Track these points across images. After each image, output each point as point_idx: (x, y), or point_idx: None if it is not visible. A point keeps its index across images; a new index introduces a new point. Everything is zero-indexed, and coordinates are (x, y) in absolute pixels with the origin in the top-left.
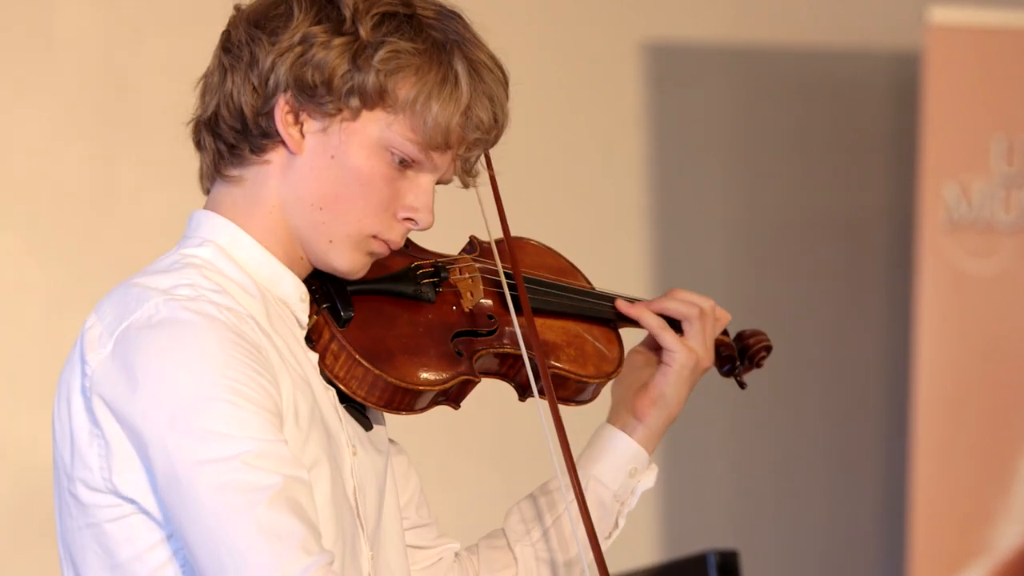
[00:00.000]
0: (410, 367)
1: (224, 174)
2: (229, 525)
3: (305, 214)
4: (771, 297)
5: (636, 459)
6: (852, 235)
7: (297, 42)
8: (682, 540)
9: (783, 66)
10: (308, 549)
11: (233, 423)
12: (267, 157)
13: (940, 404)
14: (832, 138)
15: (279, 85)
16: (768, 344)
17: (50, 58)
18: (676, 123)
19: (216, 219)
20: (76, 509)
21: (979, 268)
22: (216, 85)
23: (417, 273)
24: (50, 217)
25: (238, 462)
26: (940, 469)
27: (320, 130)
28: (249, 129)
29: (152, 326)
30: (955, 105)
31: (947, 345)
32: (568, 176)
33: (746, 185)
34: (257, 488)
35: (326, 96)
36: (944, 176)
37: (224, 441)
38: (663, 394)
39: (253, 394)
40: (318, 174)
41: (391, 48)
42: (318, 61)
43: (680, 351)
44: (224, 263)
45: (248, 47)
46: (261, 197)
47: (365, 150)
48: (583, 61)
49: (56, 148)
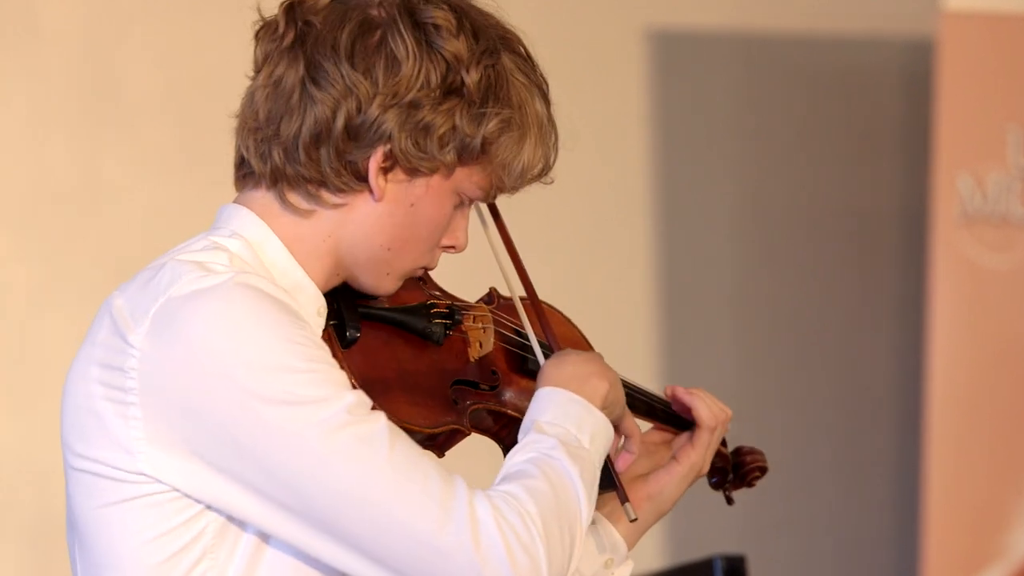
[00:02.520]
0: (403, 404)
1: (286, 199)
2: (365, 481)
3: (371, 251)
4: (779, 294)
5: (614, 550)
6: (863, 229)
7: (407, 100)
8: (688, 545)
9: (791, 54)
10: (448, 478)
11: (316, 384)
12: (344, 199)
13: (954, 404)
14: (842, 129)
15: (381, 137)
16: (763, 465)
17: (34, 50)
18: (681, 114)
19: (248, 216)
20: (98, 488)
21: (995, 263)
22: (295, 109)
23: (431, 311)
24: (32, 213)
25: (341, 416)
26: (954, 471)
27: (407, 180)
28: (334, 170)
29: (196, 296)
30: (970, 94)
31: (962, 342)
32: (569, 168)
33: (753, 178)
34: (373, 435)
35: (426, 156)
36: (958, 168)
37: (317, 404)
38: (662, 492)
39: (319, 353)
40: (395, 220)
41: (494, 110)
42: (427, 123)
43: (699, 452)
44: (251, 259)
45: (348, 86)
46: (323, 231)
47: (442, 199)
48: (585, 49)
49: (39, 142)
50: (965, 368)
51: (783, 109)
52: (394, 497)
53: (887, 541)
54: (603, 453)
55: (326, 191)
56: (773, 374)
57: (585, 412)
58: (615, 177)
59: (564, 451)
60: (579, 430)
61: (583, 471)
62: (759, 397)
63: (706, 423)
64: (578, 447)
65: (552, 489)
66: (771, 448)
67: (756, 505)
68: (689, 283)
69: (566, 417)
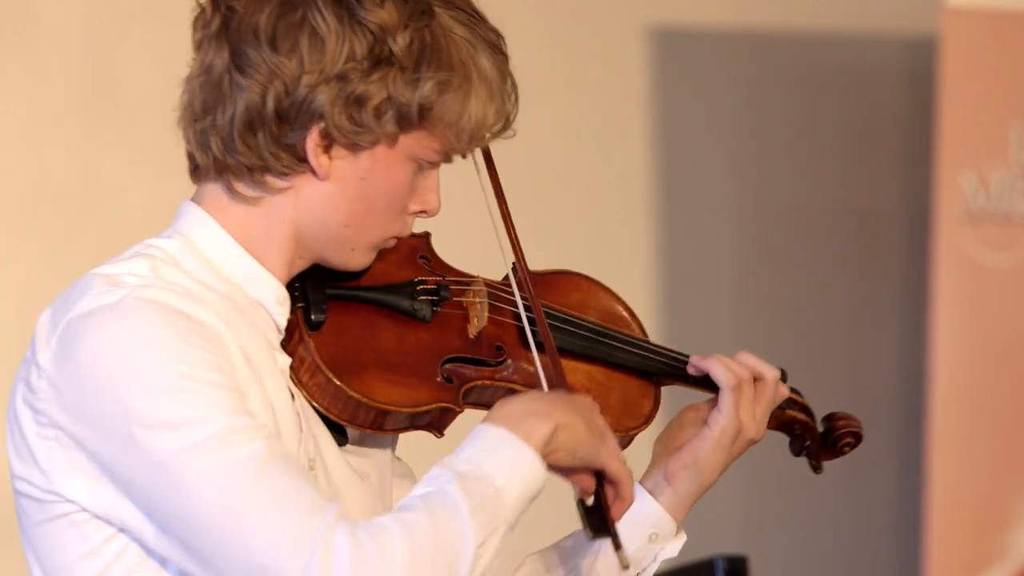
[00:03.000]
0: (380, 384)
1: (234, 189)
2: (228, 509)
3: (329, 231)
4: (780, 292)
5: (659, 524)
6: (865, 227)
7: (335, 75)
8: (689, 545)
9: (793, 52)
10: (314, 508)
11: (196, 406)
12: (290, 182)
13: (957, 403)
14: (844, 127)
15: (313, 116)
16: (856, 431)
17: (34, 50)
18: (682, 112)
19: (195, 212)
20: (32, 507)
21: (998, 261)
22: (226, 97)
23: (416, 288)
24: (32, 213)
25: (214, 441)
26: (957, 471)
27: (351, 155)
28: (273, 154)
29: (91, 314)
30: (972, 92)
31: (964, 342)
32: (569, 166)
33: (754, 176)
34: (243, 461)
35: (364, 129)
36: (961, 166)
37: (194, 426)
38: (696, 460)
39: (209, 374)
40: (346, 196)
41: (428, 74)
42: (358, 96)
43: (727, 416)
44: (188, 258)
45: (271, 70)
46: (275, 217)
47: (395, 168)
48: (585, 46)
49: (39, 142)
50: (967, 367)
51: (784, 107)
52: (245, 526)
53: (889, 541)
54: (527, 494)
55: (271, 176)
56: None
57: (511, 451)
58: (616, 175)
59: (458, 486)
60: (495, 468)
61: (478, 508)
62: None
63: (724, 382)
64: (482, 484)
65: (432, 524)
66: (772, 448)
67: (758, 505)
68: (690, 281)
69: (484, 454)
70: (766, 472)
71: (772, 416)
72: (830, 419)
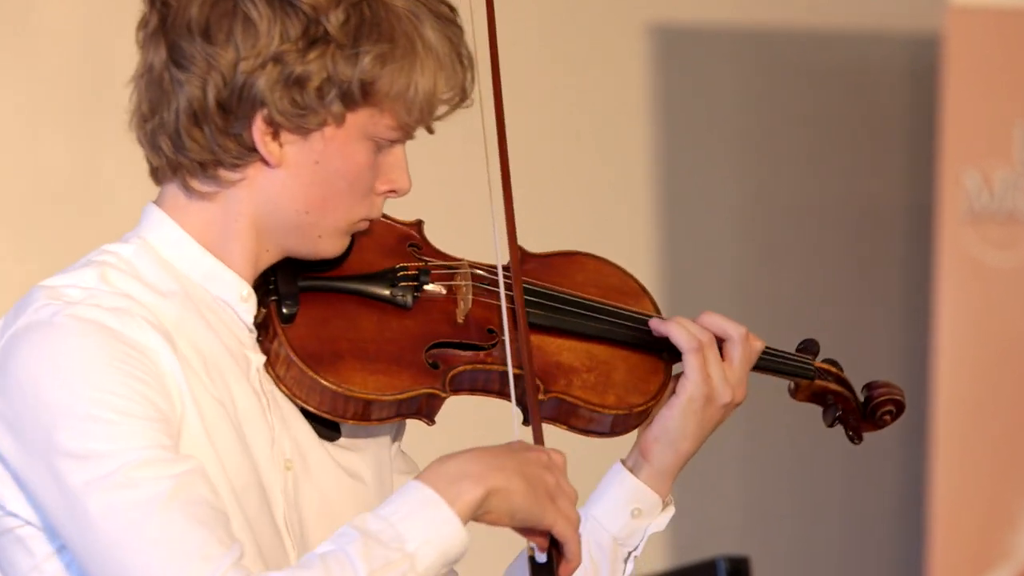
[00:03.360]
0: (358, 373)
1: (189, 187)
2: (123, 546)
3: (289, 220)
4: (782, 292)
5: (639, 498)
6: (868, 226)
7: (270, 57)
8: (691, 545)
9: (795, 49)
10: (207, 555)
11: (111, 438)
12: (243, 174)
13: (960, 403)
14: (847, 125)
15: (255, 103)
16: (896, 398)
17: (32, 48)
18: (684, 110)
19: (154, 214)
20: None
21: (1001, 260)
22: (168, 94)
23: (397, 275)
24: (30, 212)
25: (120, 476)
26: (960, 471)
27: (301, 139)
28: (221, 147)
29: (27, 330)
30: (976, 90)
31: (968, 341)
32: (570, 166)
33: (757, 175)
34: (145, 501)
35: (308, 110)
36: (965, 164)
37: (103, 459)
38: (666, 429)
39: (130, 404)
40: (302, 181)
41: (367, 48)
42: (297, 77)
43: (692, 380)
44: (144, 262)
45: (208, 61)
46: (232, 211)
47: (349, 148)
48: (587, 45)
49: (38, 141)
50: (971, 367)
51: (787, 105)
52: (136, 565)
53: (892, 542)
54: (444, 559)
55: (223, 169)
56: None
57: (433, 514)
58: (617, 174)
59: (360, 546)
60: (410, 531)
61: (377, 572)
62: (762, 396)
63: (684, 345)
64: (389, 548)
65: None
66: (774, 448)
67: (760, 505)
68: (691, 280)
69: (403, 514)
70: (768, 473)
71: (802, 389)
72: (869, 387)
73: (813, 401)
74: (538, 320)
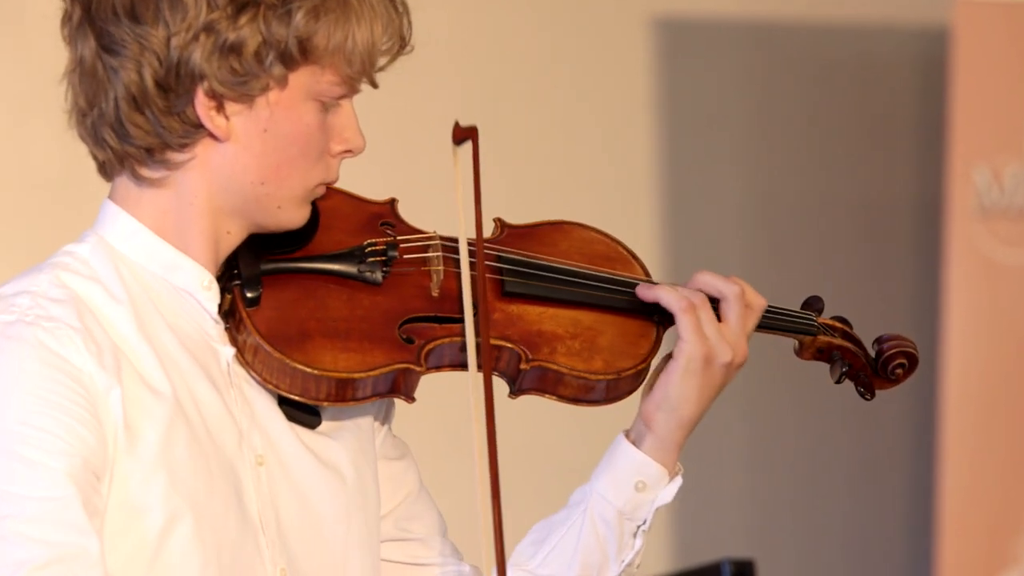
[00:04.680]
0: (327, 352)
1: (139, 176)
2: None
3: (245, 192)
4: (788, 290)
5: (642, 471)
6: (876, 223)
7: (202, 28)
8: (696, 548)
9: (801, 42)
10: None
11: (15, 477)
12: (191, 153)
13: (970, 403)
14: (854, 120)
15: (194, 77)
16: (908, 350)
17: (17, 37)
18: (688, 104)
19: (109, 209)
20: None
21: (1012, 258)
22: (104, 83)
23: (364, 252)
24: (16, 206)
25: (4, 527)
26: (970, 473)
27: (246, 108)
28: (166, 128)
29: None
30: (986, 84)
31: (977, 340)
32: (573, 160)
33: (762, 170)
34: (15, 562)
35: (248, 76)
36: (974, 160)
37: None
38: (667, 395)
39: (52, 441)
40: (253, 152)
41: (298, 4)
42: (232, 44)
43: (689, 341)
44: (99, 260)
45: (139, 43)
46: (186, 194)
47: (296, 110)
48: (589, 37)
49: (23, 133)
50: (981, 366)
51: (793, 99)
52: None
53: (900, 544)
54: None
55: (171, 152)
56: (782, 373)
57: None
58: (620, 168)
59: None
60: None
61: None
62: (768, 397)
63: (675, 307)
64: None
65: None
66: (780, 449)
67: (765, 507)
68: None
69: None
70: (775, 474)
71: (806, 346)
72: (880, 341)
73: (819, 358)
74: (517, 289)
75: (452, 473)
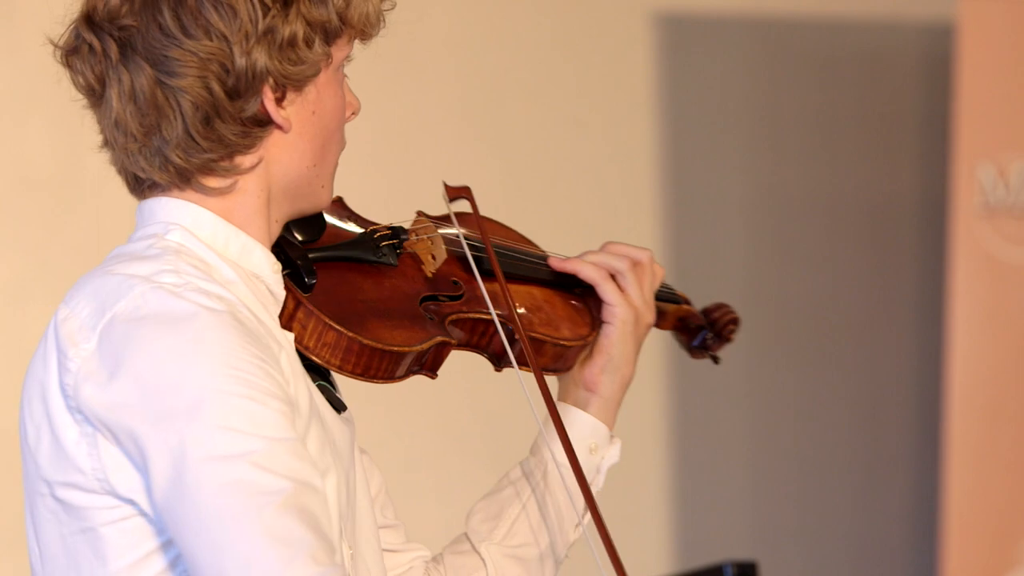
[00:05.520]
0: (384, 329)
1: (207, 187)
2: (233, 527)
3: (302, 178)
4: (793, 288)
5: (595, 434)
6: (880, 221)
7: (263, 32)
8: (698, 550)
9: (805, 38)
10: (317, 559)
11: (244, 418)
12: (258, 155)
13: (975, 403)
14: (859, 116)
15: (260, 77)
16: (735, 316)
17: (11, 33)
18: (691, 101)
19: (171, 202)
20: (66, 515)
21: (1017, 256)
22: (166, 106)
23: (375, 237)
24: (11, 205)
25: (247, 462)
26: (975, 474)
27: (297, 95)
28: (239, 134)
29: (141, 318)
30: (991, 80)
31: (982, 339)
32: (575, 158)
33: (766, 167)
34: (266, 491)
35: (306, 63)
36: (979, 157)
37: (234, 438)
38: (611, 356)
39: (265, 384)
40: (307, 136)
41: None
42: (288, 39)
43: (620, 305)
44: (195, 244)
45: (198, 56)
46: (250, 192)
47: (332, 86)
48: (592, 34)
49: (18, 131)
50: (985, 366)
51: (797, 96)
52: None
53: (904, 547)
54: None
55: (240, 156)
56: (786, 372)
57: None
58: (623, 166)
59: None
60: None
61: None
62: (771, 397)
63: (592, 276)
64: None
65: None
66: (784, 449)
67: (768, 509)
68: (699, 277)
69: None
70: (778, 477)
71: (670, 316)
72: (708, 313)
73: (676, 327)
74: (490, 267)
75: (453, 473)
